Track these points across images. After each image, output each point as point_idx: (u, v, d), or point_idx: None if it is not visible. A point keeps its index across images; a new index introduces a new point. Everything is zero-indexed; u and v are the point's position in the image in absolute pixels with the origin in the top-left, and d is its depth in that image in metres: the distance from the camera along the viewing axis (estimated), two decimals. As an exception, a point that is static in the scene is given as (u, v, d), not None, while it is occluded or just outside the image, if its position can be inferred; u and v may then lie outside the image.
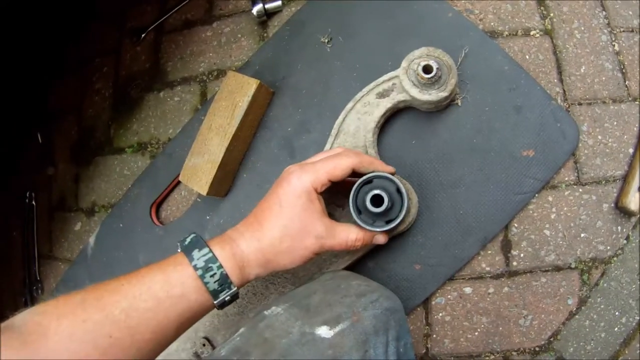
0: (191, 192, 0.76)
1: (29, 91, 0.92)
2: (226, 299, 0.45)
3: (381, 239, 0.54)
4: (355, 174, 0.51)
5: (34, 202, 0.88)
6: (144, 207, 0.76)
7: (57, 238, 0.85)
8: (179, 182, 0.75)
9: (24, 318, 0.38)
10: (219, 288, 0.44)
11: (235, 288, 0.45)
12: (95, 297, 0.40)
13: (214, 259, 0.43)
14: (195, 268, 0.43)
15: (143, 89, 0.82)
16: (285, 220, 0.46)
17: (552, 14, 0.67)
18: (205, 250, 0.44)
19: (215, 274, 0.43)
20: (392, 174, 0.54)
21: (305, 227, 0.46)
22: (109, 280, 0.42)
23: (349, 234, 0.49)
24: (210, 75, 0.78)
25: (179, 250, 0.45)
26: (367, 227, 0.51)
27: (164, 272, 0.43)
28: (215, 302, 0.44)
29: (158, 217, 0.77)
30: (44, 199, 0.87)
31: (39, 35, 0.88)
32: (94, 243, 0.79)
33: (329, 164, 0.48)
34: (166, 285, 0.42)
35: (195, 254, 0.44)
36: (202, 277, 0.43)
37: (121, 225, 0.77)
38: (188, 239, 0.46)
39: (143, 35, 0.83)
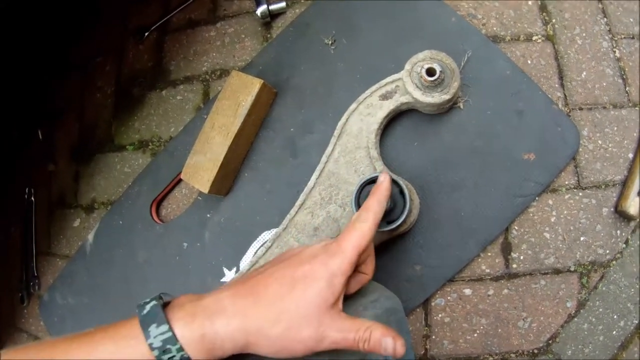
0: (192, 190, 0.76)
1: (31, 88, 0.92)
2: None
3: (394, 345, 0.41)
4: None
5: (33, 198, 0.87)
6: (145, 204, 0.76)
7: (56, 234, 0.85)
8: (180, 180, 0.75)
9: None
10: None
11: None
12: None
13: (172, 339, 0.36)
14: (151, 348, 0.36)
15: (145, 88, 0.82)
16: (289, 305, 0.38)
17: (554, 20, 0.68)
18: (164, 327, 0.36)
19: (174, 356, 0.36)
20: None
21: (309, 315, 0.38)
22: (62, 339, 0.38)
23: (359, 327, 0.39)
24: (213, 75, 0.79)
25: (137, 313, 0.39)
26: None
27: (116, 343, 0.37)
28: None
29: (158, 215, 0.77)
30: (44, 195, 0.87)
31: (41, 33, 0.88)
32: (93, 240, 0.79)
33: (353, 235, 0.42)
34: None
35: (153, 330, 0.36)
36: (158, 358, 0.36)
37: (121, 222, 0.77)
38: (147, 307, 0.38)
39: (146, 34, 0.83)
